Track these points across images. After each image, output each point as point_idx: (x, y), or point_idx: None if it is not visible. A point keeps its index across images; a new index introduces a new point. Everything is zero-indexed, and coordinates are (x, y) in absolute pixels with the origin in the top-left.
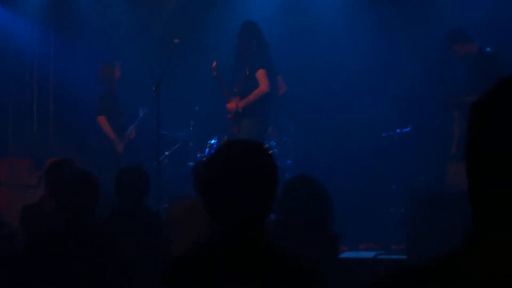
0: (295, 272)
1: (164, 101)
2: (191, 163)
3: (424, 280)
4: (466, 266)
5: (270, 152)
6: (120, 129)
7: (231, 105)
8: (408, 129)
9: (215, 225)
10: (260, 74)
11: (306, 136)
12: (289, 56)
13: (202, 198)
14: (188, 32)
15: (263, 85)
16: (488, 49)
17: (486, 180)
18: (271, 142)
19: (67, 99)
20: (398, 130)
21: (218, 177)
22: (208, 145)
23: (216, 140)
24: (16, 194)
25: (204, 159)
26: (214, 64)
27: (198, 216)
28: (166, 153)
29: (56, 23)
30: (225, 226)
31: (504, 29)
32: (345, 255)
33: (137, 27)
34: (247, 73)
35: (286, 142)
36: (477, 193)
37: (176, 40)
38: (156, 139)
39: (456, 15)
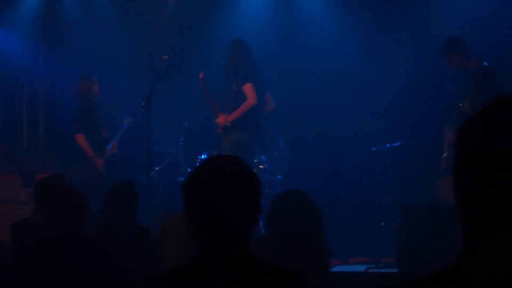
0: (283, 280)
1: (154, 117)
2: (181, 179)
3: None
4: (466, 268)
5: (260, 166)
6: (101, 144)
7: (220, 120)
8: (398, 143)
9: (198, 241)
10: (247, 88)
11: (296, 151)
12: (279, 71)
13: (186, 215)
14: (178, 46)
15: (251, 98)
16: (485, 63)
17: (475, 193)
18: (261, 157)
19: (57, 114)
20: (388, 145)
21: (200, 192)
22: (198, 160)
23: (206, 155)
24: (7, 210)
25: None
26: (201, 75)
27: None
28: (156, 168)
29: (46, 38)
30: (209, 242)
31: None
32: (336, 268)
33: (127, 39)
34: (235, 87)
35: (277, 157)
36: (467, 203)
37: (165, 57)
38: (146, 154)
39: (450, 25)
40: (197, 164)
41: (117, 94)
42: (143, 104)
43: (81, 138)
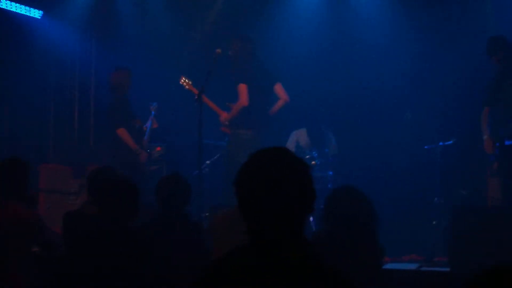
0: (331, 283)
1: (205, 110)
2: None
3: None
4: None
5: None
6: (138, 135)
7: (221, 118)
8: (450, 142)
9: (251, 233)
10: (240, 88)
11: (347, 148)
12: (331, 69)
13: (239, 207)
14: (229, 40)
15: (242, 99)
16: None
17: None
18: (313, 153)
19: (108, 107)
20: (440, 143)
21: (252, 187)
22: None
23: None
24: (56, 200)
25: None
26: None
27: (240, 226)
28: (208, 162)
29: (98, 31)
30: (261, 235)
31: None
32: (388, 266)
33: (177, 33)
34: (235, 86)
35: (328, 153)
36: None
37: (219, 50)
38: (198, 148)
39: (499, 24)
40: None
41: (152, 85)
42: (196, 97)
43: (123, 132)
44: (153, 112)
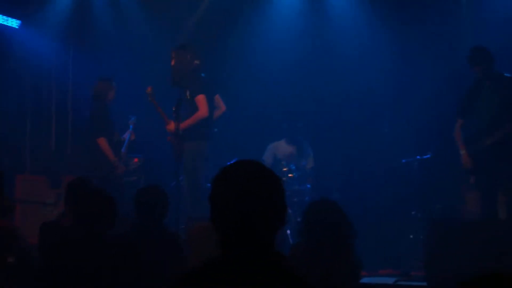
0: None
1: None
2: (209, 185)
3: None
4: None
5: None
6: (117, 147)
7: (171, 127)
8: (428, 155)
9: (223, 246)
10: (200, 99)
11: (325, 160)
12: (307, 80)
13: (210, 216)
14: (206, 50)
15: (204, 110)
16: (506, 74)
17: None
18: (291, 166)
19: (85, 116)
20: (418, 157)
21: (221, 196)
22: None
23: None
24: (32, 211)
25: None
26: (149, 89)
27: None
28: (181, 178)
29: (75, 40)
30: (232, 247)
31: None
32: (365, 280)
33: (156, 40)
34: (188, 96)
35: (305, 166)
36: None
37: (197, 61)
38: (175, 159)
39: (479, 32)
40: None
41: (130, 95)
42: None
43: (103, 142)
44: (131, 126)
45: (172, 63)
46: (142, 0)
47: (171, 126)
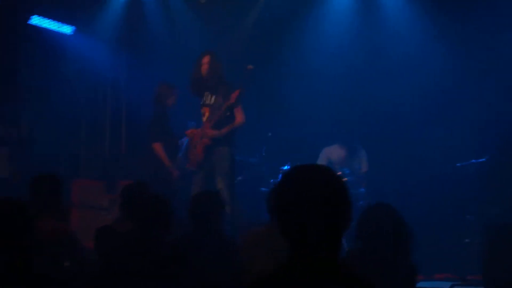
0: None
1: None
2: (263, 189)
3: None
4: None
5: (343, 179)
6: (174, 152)
7: (211, 132)
8: (483, 159)
9: (290, 249)
10: (240, 108)
11: (379, 164)
12: (361, 83)
13: (278, 222)
14: (260, 55)
15: (242, 117)
16: None
17: None
18: (344, 170)
19: (139, 121)
20: (473, 161)
21: (293, 201)
22: (281, 171)
23: (289, 167)
24: (88, 215)
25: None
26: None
27: (272, 243)
28: (239, 178)
29: (128, 46)
30: (301, 250)
31: None
32: (421, 284)
33: (208, 43)
34: (222, 102)
35: (359, 170)
36: None
37: (250, 66)
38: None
39: None
40: (280, 175)
41: (187, 99)
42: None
43: (158, 147)
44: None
45: (207, 67)
46: (194, 3)
47: (212, 131)
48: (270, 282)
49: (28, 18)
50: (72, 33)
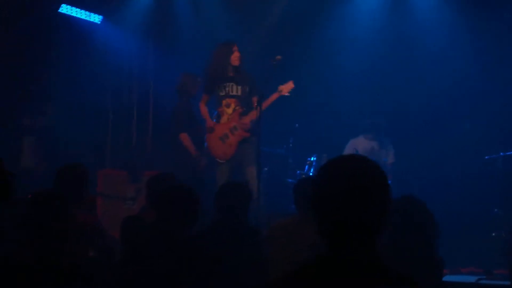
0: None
1: (264, 118)
2: (290, 180)
3: None
4: None
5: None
6: (200, 142)
7: (248, 123)
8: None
9: (325, 241)
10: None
11: (405, 157)
12: (389, 76)
13: (314, 214)
14: (288, 46)
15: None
16: None
17: None
18: None
19: (166, 111)
20: (501, 153)
21: (332, 193)
22: (307, 162)
23: (315, 158)
24: (113, 205)
25: (304, 176)
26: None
27: (299, 235)
28: (265, 169)
29: (156, 35)
30: (336, 243)
31: None
32: (447, 278)
33: (236, 38)
34: (247, 91)
35: (386, 162)
36: None
37: (279, 57)
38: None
39: None
40: (306, 166)
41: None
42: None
43: (185, 137)
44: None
45: (239, 55)
46: None
47: (247, 120)
48: (308, 274)
49: (58, 7)
50: (100, 22)
